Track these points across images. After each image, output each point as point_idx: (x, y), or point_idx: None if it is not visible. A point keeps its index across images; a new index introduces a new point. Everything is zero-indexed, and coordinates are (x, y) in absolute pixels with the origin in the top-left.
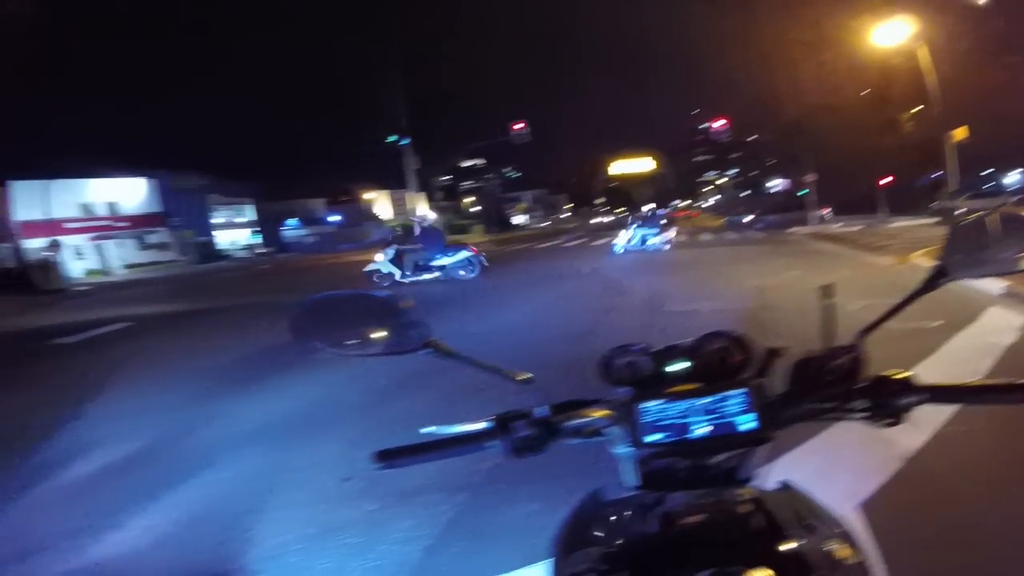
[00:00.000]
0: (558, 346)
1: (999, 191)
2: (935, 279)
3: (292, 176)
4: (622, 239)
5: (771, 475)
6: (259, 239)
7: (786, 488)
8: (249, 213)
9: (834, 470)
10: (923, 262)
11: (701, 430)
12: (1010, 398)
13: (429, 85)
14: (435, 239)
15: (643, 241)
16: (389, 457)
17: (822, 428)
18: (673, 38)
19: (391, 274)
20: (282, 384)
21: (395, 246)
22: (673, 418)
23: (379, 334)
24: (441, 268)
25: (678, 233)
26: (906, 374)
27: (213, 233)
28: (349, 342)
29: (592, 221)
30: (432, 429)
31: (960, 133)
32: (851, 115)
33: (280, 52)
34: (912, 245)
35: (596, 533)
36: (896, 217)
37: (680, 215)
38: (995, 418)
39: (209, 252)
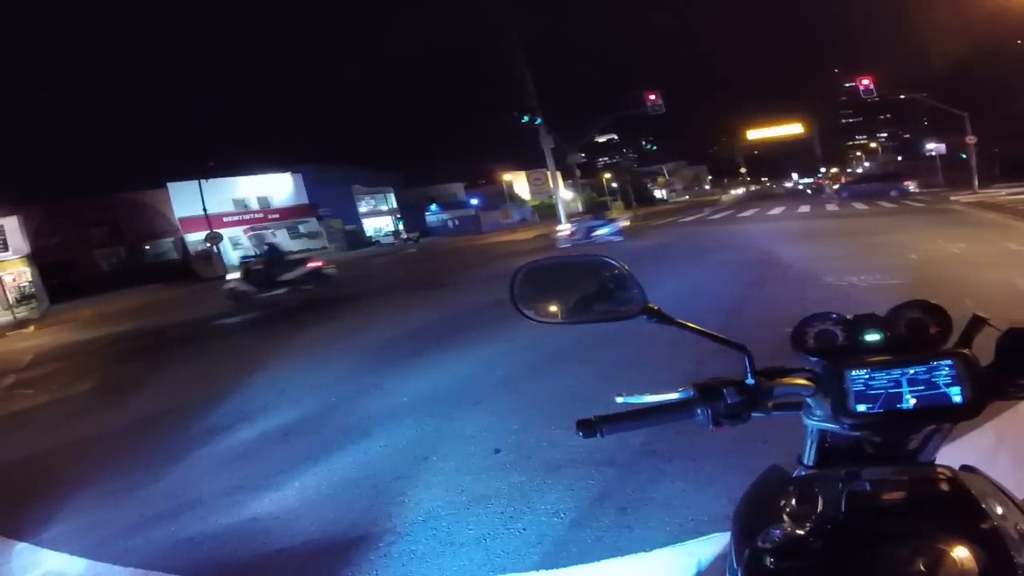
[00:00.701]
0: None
1: None
2: None
3: (430, 163)
4: (563, 232)
5: (944, 458)
6: (402, 225)
7: (970, 471)
8: (391, 201)
9: (1011, 455)
10: None
11: (909, 401)
12: None
13: (561, 61)
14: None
15: (588, 233)
16: (590, 426)
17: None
18: None
19: (246, 292)
20: (438, 359)
21: (254, 265)
22: (881, 388)
23: (596, 301)
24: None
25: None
26: None
27: (361, 221)
28: (566, 309)
29: (732, 192)
30: (627, 399)
31: None
32: (1010, 66)
33: (411, 43)
34: None
35: (781, 510)
36: None
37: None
38: None
39: (357, 239)
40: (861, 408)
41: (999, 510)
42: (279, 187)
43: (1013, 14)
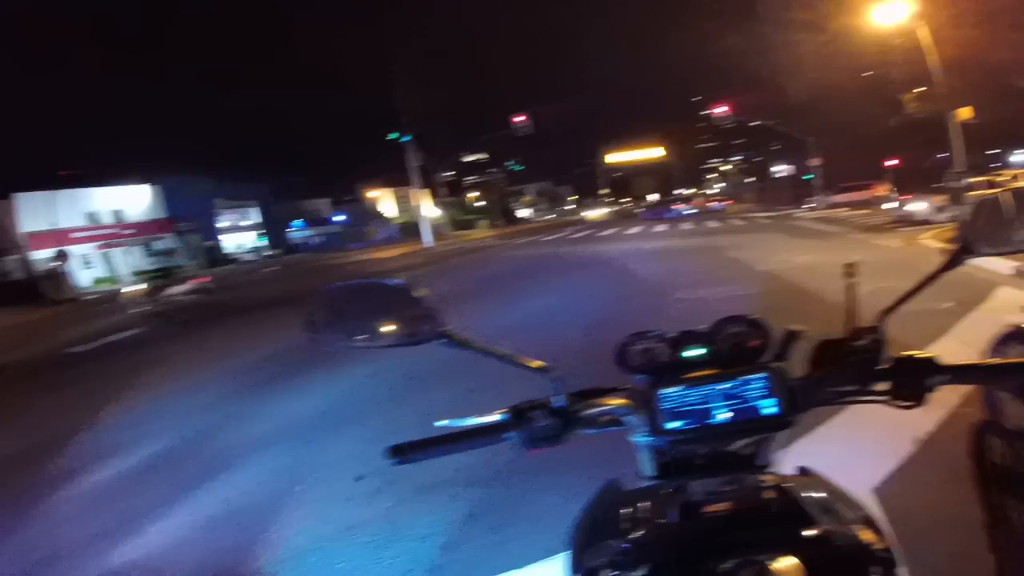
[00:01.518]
0: (575, 332)
1: (1007, 169)
2: (958, 257)
3: (296, 177)
4: None
5: (788, 461)
6: (265, 241)
7: (806, 473)
8: (254, 216)
9: (851, 455)
10: (931, 243)
11: (722, 416)
12: None
13: (430, 81)
14: None
15: None
16: (403, 452)
17: (838, 412)
18: (675, 23)
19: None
20: (297, 384)
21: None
22: (693, 404)
23: (391, 325)
24: None
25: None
26: (929, 354)
27: (219, 237)
28: (360, 335)
29: (592, 213)
30: (447, 422)
31: (965, 113)
32: (854, 97)
33: (280, 54)
34: (920, 226)
35: (615, 525)
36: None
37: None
38: None
39: (216, 256)
40: (673, 425)
41: (830, 512)
42: (137, 200)
43: (856, 51)
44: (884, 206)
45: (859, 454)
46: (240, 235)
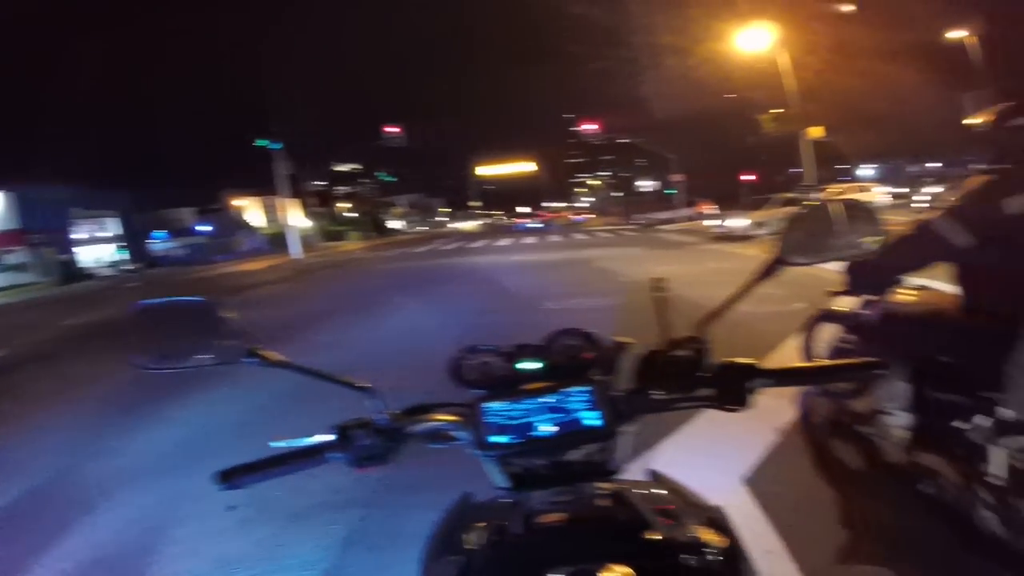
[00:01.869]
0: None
1: (854, 183)
2: (772, 267)
3: (159, 185)
4: None
5: (645, 465)
6: (126, 254)
7: (654, 477)
8: (114, 226)
9: (708, 456)
10: None
11: (547, 428)
12: (852, 375)
13: (302, 89)
14: None
15: None
16: (231, 477)
17: (694, 416)
18: (548, 40)
19: None
20: (157, 409)
21: None
22: (518, 418)
23: (197, 346)
24: None
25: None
26: (750, 360)
27: (75, 250)
28: (168, 356)
29: (464, 224)
30: (283, 443)
31: (815, 132)
32: (717, 117)
33: (143, 52)
34: (776, 235)
35: (460, 540)
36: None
37: (552, 216)
38: None
39: (72, 271)
40: (498, 439)
41: (671, 516)
42: None
43: (721, 75)
44: (705, 223)
45: (717, 454)
46: (99, 248)
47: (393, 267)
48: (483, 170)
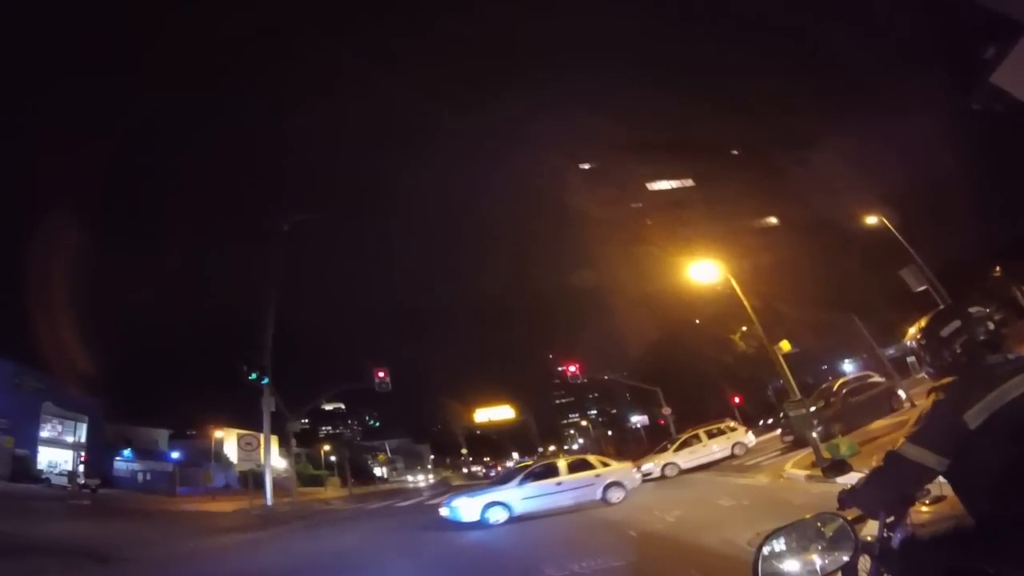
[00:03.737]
0: None
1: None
2: None
3: (137, 398)
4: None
5: None
6: (81, 467)
7: None
8: (81, 432)
9: None
10: (797, 472)
11: None
12: None
13: (300, 323)
14: None
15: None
16: None
17: None
18: (529, 292)
19: None
20: None
21: None
22: None
23: None
24: None
25: None
26: None
27: (38, 447)
28: None
29: (448, 475)
30: None
31: (785, 346)
32: (690, 343)
33: (132, 263)
34: (780, 458)
35: None
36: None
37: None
38: None
39: (27, 469)
40: None
41: None
42: None
43: (689, 303)
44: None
45: None
46: (59, 451)
47: (373, 526)
48: (470, 416)
